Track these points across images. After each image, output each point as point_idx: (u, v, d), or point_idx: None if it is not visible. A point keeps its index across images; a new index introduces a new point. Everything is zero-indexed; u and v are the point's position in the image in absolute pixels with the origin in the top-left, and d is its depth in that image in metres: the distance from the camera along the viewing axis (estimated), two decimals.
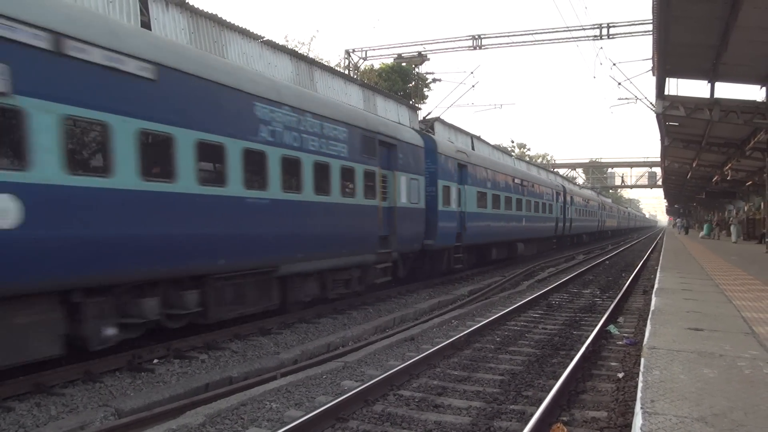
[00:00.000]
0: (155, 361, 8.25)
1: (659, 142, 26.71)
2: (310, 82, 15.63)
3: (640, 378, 4.34)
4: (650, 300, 8.75)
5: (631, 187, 72.29)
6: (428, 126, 23.30)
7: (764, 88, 17.16)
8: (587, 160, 77.33)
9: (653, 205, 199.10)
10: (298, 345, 9.45)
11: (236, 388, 7.01)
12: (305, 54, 23.55)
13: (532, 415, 5.45)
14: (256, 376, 7.68)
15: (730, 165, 28.33)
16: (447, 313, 12.21)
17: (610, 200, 77.73)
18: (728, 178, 32.19)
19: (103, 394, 6.83)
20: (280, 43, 14.90)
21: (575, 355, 7.84)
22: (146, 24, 10.90)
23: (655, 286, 10.36)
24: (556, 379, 6.69)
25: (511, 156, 39.50)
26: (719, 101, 17.52)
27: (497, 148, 35.98)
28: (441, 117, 24.16)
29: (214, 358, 8.53)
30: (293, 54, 15.36)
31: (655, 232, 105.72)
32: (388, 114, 19.70)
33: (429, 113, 24.10)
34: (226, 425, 5.62)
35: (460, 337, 9.09)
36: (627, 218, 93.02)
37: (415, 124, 21.90)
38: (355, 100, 17.86)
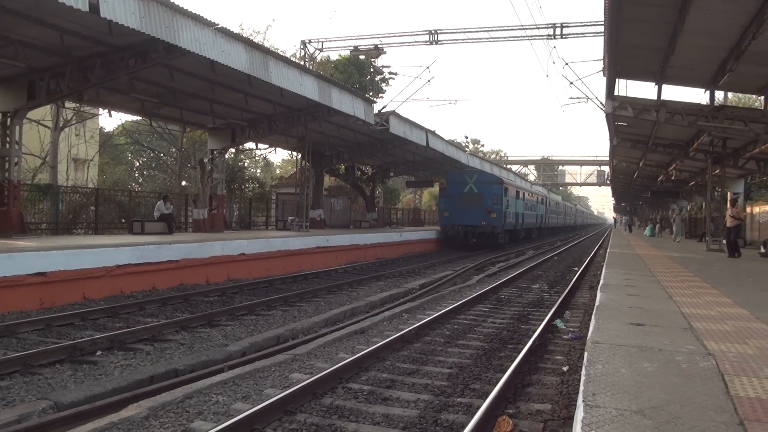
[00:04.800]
0: (98, 353, 8.04)
1: (608, 141, 27.38)
2: (265, 71, 15.41)
3: (583, 372, 4.43)
4: (595, 295, 8.97)
5: (581, 184, 74.22)
6: (383, 120, 23.30)
7: (708, 92, 17.75)
8: (539, 158, 78.85)
9: (602, 202, 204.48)
10: (246, 337, 9.34)
11: (182, 381, 6.88)
12: (260, 43, 23.19)
13: (478, 407, 5.52)
14: (203, 369, 7.56)
15: (674, 165, 29.32)
16: (398, 307, 12.27)
17: (559, 197, 79.37)
18: (672, 178, 33.38)
19: (41, 386, 6.63)
20: (235, 31, 14.55)
21: (522, 348, 7.98)
22: (95, 6, 10.50)
23: (601, 282, 10.61)
24: (503, 373, 6.80)
25: (465, 151, 39.83)
26: (666, 103, 18.03)
27: (451, 143, 36.25)
28: (396, 111, 24.21)
29: (160, 350, 8.36)
30: (248, 42, 15.07)
31: (603, 229, 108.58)
32: (343, 107, 19.59)
33: (384, 107, 24.15)
34: (170, 419, 5.50)
35: (410, 330, 9.14)
36: (575, 215, 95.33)
37: (371, 118, 21.82)
38: (310, 92, 17.68)
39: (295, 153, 35.98)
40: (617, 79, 17.83)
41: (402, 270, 19.65)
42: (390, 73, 42.05)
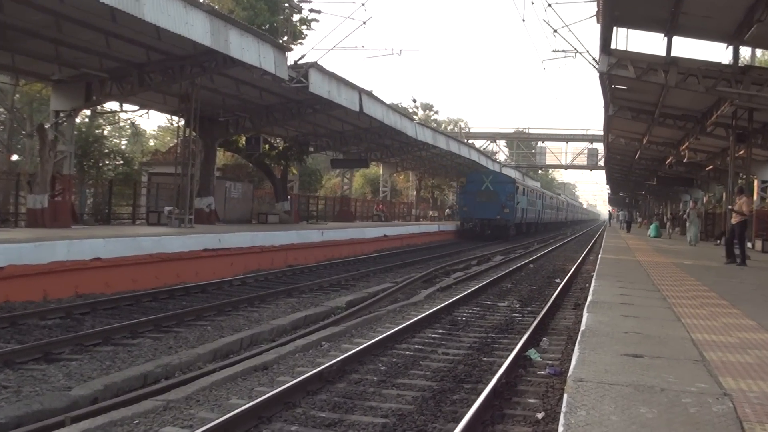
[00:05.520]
0: None
1: (603, 110, 28.13)
2: (135, 2, 15.07)
3: (561, 421, 4.48)
4: (581, 317, 9.16)
5: (567, 167, 75.96)
6: (301, 74, 23.17)
7: (731, 48, 18.41)
8: (512, 131, 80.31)
9: (593, 192, 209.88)
10: (100, 377, 9.08)
11: None
12: None
13: None
14: (34, 423, 7.29)
15: (687, 144, 30.38)
16: (316, 332, 12.21)
17: (538, 183, 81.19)
18: (685, 160, 34.57)
19: None
20: None
21: (484, 389, 8.05)
22: None
23: (589, 298, 10.81)
24: (457, 423, 6.83)
25: (412, 121, 40.09)
26: (677, 61, 18.63)
27: (394, 109, 36.41)
28: (319, 63, 24.08)
29: None
30: None
31: (596, 227, 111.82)
32: (244, 55, 19.38)
33: (303, 56, 23.94)
34: None
35: (331, 365, 9.10)
36: (566, 210, 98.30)
37: (283, 72, 21.67)
38: (200, 33, 17.39)
39: (176, 118, 35.36)
40: (615, 28, 18.33)
41: (323, 282, 19.60)
42: (312, 10, 41.97)
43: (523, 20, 58.95)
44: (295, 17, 43.70)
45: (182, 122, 25.52)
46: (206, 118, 27.25)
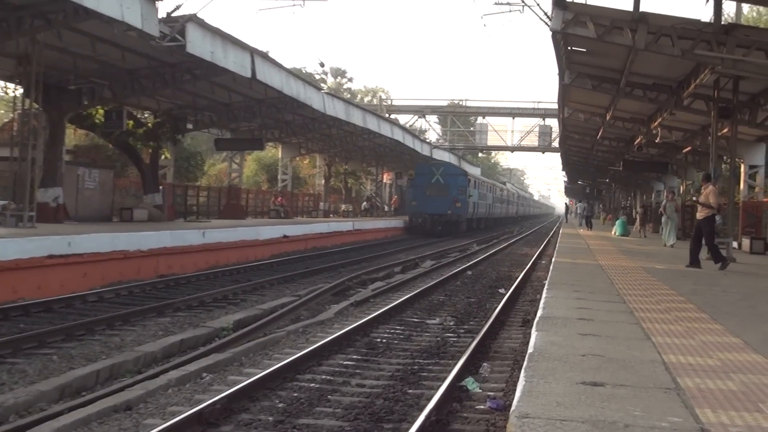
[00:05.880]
0: None
1: (557, 78, 28.56)
2: None
3: None
4: (530, 336, 9.26)
5: (513, 149, 77.02)
6: (176, 31, 22.82)
7: (711, 2, 18.85)
8: (445, 103, 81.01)
9: (546, 180, 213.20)
10: None
11: None
12: None
13: None
14: None
15: (660, 120, 31.07)
16: (195, 361, 12.03)
17: (478, 170, 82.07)
18: (657, 140, 35.33)
19: None
20: None
21: (409, 430, 8.09)
22: None
23: (539, 313, 10.89)
24: None
25: (320, 90, 39.99)
26: (647, 17, 18.98)
27: (297, 75, 36.23)
28: (198, 16, 23.76)
29: None
30: None
31: (549, 223, 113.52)
32: (101, 4, 18.93)
33: (178, 7, 23.55)
34: None
35: (214, 402, 9.01)
36: (517, 203, 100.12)
37: (153, 27, 21.30)
38: None
39: (11, 85, 34.42)
40: None
41: (205, 296, 19.41)
42: None
43: None
44: None
45: (20, 91, 24.87)
46: (52, 85, 26.60)
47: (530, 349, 7.97)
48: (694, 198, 22.62)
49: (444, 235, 54.77)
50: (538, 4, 23.40)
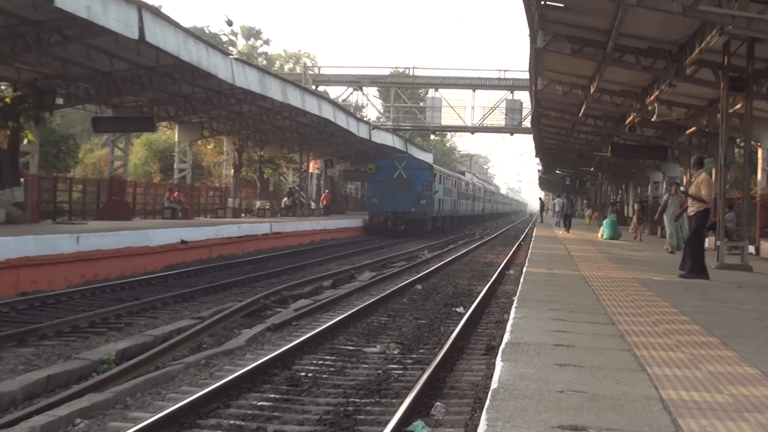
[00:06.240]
0: None
1: (527, 42, 28.59)
2: None
3: None
4: (494, 367, 9.19)
5: (474, 130, 77.08)
6: None
7: None
8: (387, 72, 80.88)
9: (516, 170, 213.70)
10: None
11: None
12: None
13: None
14: None
15: (657, 93, 31.01)
16: (66, 403, 11.77)
17: (430, 156, 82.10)
18: (654, 118, 35.16)
19: None
20: None
21: None
22: None
23: (506, 337, 10.75)
24: None
25: (227, 56, 39.60)
26: None
27: (199, 36, 35.90)
28: None
29: None
30: None
31: (520, 223, 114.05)
32: None
33: None
34: None
35: None
36: (484, 200, 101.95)
37: None
38: None
39: None
40: None
41: (80, 319, 19.13)
42: None
43: None
44: None
45: None
46: None
47: (494, 384, 7.91)
48: (683, 189, 22.47)
49: (408, 235, 61.07)
50: None
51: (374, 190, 64.85)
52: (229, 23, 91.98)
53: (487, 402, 7.27)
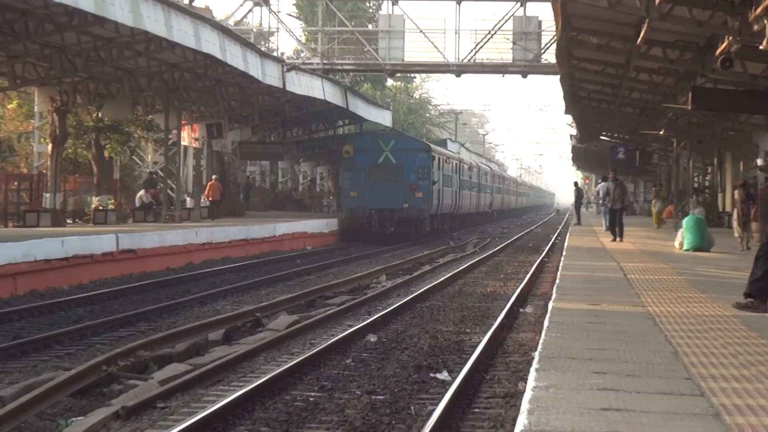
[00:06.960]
0: None
1: None
2: None
3: None
4: None
5: (459, 69, 56.90)
6: None
7: None
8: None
9: (536, 139, 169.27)
10: None
11: None
12: None
13: None
14: None
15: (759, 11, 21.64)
16: None
17: (388, 115, 73.66)
18: (763, 45, 23.51)
19: None
20: None
21: None
22: None
23: (522, 422, 7.68)
24: None
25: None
26: None
27: None
28: None
29: None
30: None
31: (546, 225, 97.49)
32: None
33: None
34: None
35: None
36: (478, 189, 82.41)
37: None
38: None
39: None
40: None
41: None
42: None
43: None
44: None
45: None
46: None
47: None
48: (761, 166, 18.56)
49: (397, 241, 49.56)
50: None
51: (352, 180, 51.82)
52: None
53: None
